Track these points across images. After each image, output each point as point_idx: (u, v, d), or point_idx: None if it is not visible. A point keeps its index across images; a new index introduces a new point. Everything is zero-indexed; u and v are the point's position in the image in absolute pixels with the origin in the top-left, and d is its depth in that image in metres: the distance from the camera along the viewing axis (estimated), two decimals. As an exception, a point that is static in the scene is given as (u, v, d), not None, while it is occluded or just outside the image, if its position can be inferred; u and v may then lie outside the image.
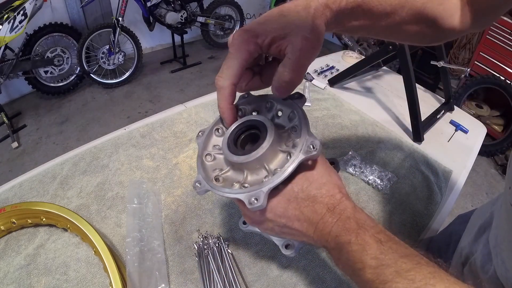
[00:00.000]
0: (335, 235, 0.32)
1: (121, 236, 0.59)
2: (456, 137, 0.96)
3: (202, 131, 0.42)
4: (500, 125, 2.56)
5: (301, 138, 0.35)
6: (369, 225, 0.32)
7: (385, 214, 0.68)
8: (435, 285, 0.26)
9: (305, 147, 0.34)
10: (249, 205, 0.33)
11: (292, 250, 0.42)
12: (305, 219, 0.34)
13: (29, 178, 0.68)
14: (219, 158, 0.40)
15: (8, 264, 0.53)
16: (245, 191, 0.34)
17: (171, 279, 0.53)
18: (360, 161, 0.78)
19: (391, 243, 0.30)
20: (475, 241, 0.48)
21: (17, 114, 2.53)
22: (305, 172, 0.35)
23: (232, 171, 0.39)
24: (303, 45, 0.32)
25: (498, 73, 2.42)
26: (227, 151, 0.37)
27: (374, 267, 0.29)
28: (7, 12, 2.07)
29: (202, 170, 0.38)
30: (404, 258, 0.29)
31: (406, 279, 0.27)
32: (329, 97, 1.04)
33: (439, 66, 1.03)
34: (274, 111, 0.40)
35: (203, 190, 0.37)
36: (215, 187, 0.36)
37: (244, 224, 0.50)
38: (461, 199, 2.11)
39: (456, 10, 0.42)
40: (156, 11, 2.87)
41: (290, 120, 0.39)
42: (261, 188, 0.33)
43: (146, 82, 3.06)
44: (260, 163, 0.36)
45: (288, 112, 0.39)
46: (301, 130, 0.35)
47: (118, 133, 0.82)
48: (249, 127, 0.39)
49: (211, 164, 0.40)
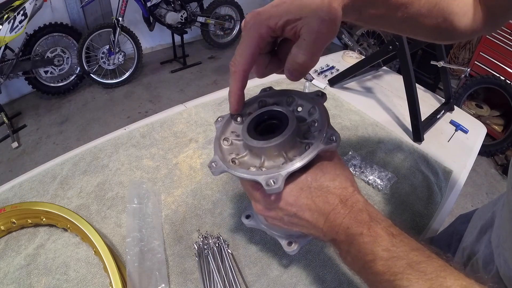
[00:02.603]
0: (346, 226, 0.32)
1: (121, 236, 0.59)
2: (456, 137, 0.96)
3: (222, 117, 0.42)
4: (500, 125, 2.56)
5: (322, 130, 0.35)
6: (381, 218, 0.32)
7: (385, 214, 0.68)
8: (445, 277, 0.26)
9: (325, 138, 0.35)
10: (266, 186, 0.33)
11: (295, 248, 0.42)
12: (316, 209, 0.34)
13: (29, 178, 0.68)
14: (236, 144, 0.41)
15: (8, 264, 0.53)
16: (263, 173, 0.34)
17: (171, 279, 0.53)
18: (360, 161, 0.78)
19: (403, 237, 0.30)
20: (477, 241, 0.48)
21: (17, 114, 2.53)
22: (319, 163, 0.36)
23: (249, 156, 0.39)
24: (320, 27, 0.30)
25: (498, 73, 2.42)
26: (246, 135, 0.38)
27: (386, 259, 0.29)
28: (7, 12, 2.07)
29: (220, 151, 0.39)
30: (416, 251, 0.29)
31: (418, 271, 0.27)
32: (329, 97, 1.04)
33: (439, 66, 1.03)
34: (295, 105, 0.41)
35: (218, 170, 0.37)
36: (232, 168, 0.36)
37: (247, 218, 0.49)
38: (461, 199, 2.11)
39: (469, 9, 0.42)
40: (156, 11, 2.87)
41: (310, 115, 0.40)
42: (279, 172, 0.33)
43: (146, 82, 3.06)
44: (279, 150, 0.36)
45: (309, 107, 0.40)
46: (321, 123, 0.37)
47: (118, 133, 0.82)
48: (270, 117, 0.40)
49: (228, 148, 0.40)
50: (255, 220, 0.49)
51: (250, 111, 0.43)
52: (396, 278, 0.27)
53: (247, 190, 0.39)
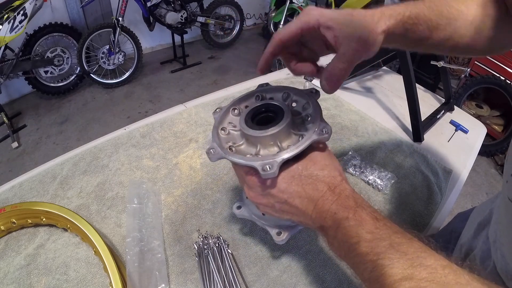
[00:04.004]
0: (334, 212, 0.34)
1: (121, 236, 0.59)
2: (456, 137, 0.96)
3: (220, 108, 0.45)
4: (500, 125, 2.56)
5: (315, 122, 0.38)
6: (366, 205, 0.34)
7: (385, 214, 0.67)
8: (426, 258, 0.28)
9: (318, 130, 0.37)
10: (262, 171, 0.35)
11: (284, 237, 0.45)
12: (306, 195, 0.36)
13: (29, 178, 0.68)
14: (232, 134, 0.43)
15: (8, 264, 0.53)
16: (259, 159, 0.36)
17: (171, 279, 0.53)
18: (360, 161, 0.78)
19: (386, 221, 0.32)
20: (474, 238, 0.48)
21: (17, 114, 2.54)
22: (310, 154, 0.38)
23: (245, 144, 0.41)
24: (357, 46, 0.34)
25: (498, 73, 2.41)
26: (244, 125, 0.40)
27: (369, 240, 0.30)
28: (7, 12, 2.07)
29: (218, 139, 0.41)
30: (398, 234, 0.31)
31: (399, 252, 0.29)
32: (329, 97, 1.04)
33: (439, 66, 1.03)
34: (290, 100, 0.44)
35: (216, 156, 0.39)
36: (229, 154, 0.39)
37: (238, 208, 0.51)
38: (461, 199, 2.11)
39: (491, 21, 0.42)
40: (156, 11, 2.87)
41: (304, 109, 0.43)
42: (275, 158, 0.36)
43: (146, 82, 3.06)
44: (274, 139, 0.39)
45: (303, 102, 0.43)
46: (314, 116, 0.40)
47: (118, 133, 0.82)
48: (267, 109, 0.42)
49: (225, 137, 0.43)
50: (246, 210, 0.51)
51: (247, 104, 0.45)
52: (379, 257, 0.29)
53: (241, 177, 0.41)
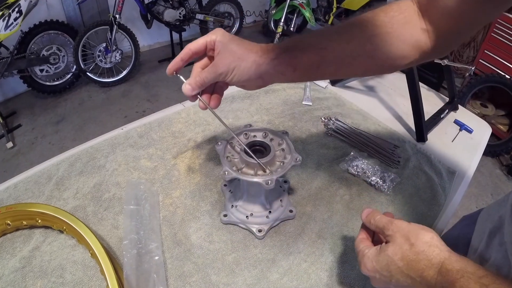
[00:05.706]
0: None
1: (118, 238, 0.58)
2: (460, 137, 0.95)
3: (219, 142, 0.59)
4: (505, 124, 2.51)
5: (290, 154, 0.57)
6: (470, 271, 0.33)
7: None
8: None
9: (292, 159, 0.56)
10: (266, 185, 0.51)
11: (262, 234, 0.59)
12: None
13: (24, 179, 0.67)
14: (233, 160, 0.58)
15: (2, 266, 0.52)
16: (262, 178, 0.52)
17: (169, 283, 0.52)
18: (362, 161, 0.77)
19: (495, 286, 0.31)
20: (487, 247, 0.47)
21: (12, 114, 2.50)
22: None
23: (246, 168, 0.56)
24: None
25: (503, 71, 2.37)
26: (245, 156, 0.56)
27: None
28: (2, 9, 2.04)
29: (227, 164, 0.55)
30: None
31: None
32: (330, 96, 1.03)
33: (443, 64, 1.02)
34: (268, 138, 0.60)
35: (229, 176, 0.52)
36: (239, 174, 0.53)
37: (224, 216, 0.61)
38: (465, 200, 2.10)
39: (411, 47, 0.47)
40: (154, 8, 2.85)
41: (279, 144, 0.61)
42: (272, 177, 0.53)
43: (144, 80, 3.03)
44: (265, 165, 0.55)
45: (278, 139, 0.61)
46: (289, 150, 0.58)
47: (115, 133, 0.81)
48: (257, 144, 0.59)
49: (229, 163, 0.56)
50: (231, 217, 0.61)
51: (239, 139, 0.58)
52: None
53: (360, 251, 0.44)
